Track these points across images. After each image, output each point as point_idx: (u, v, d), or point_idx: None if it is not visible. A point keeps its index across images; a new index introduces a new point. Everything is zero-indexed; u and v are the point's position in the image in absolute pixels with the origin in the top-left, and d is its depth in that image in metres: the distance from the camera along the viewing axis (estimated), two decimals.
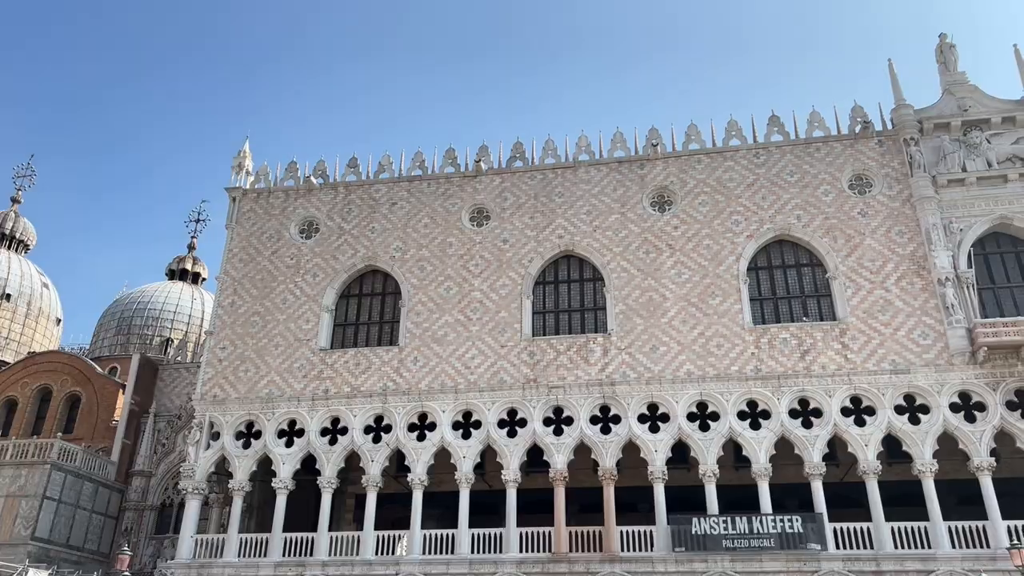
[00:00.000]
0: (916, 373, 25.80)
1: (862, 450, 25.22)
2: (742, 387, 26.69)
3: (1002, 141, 28.66)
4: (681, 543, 24.61)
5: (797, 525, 24.10)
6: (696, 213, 30.12)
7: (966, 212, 27.81)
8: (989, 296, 27.28)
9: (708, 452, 25.99)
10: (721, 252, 29.18)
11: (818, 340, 27.02)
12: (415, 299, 30.56)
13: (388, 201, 32.97)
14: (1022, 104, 29.01)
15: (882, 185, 29.15)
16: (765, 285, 29.03)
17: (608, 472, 26.41)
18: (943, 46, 31.18)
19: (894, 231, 28.21)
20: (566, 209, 31.22)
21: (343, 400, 29.07)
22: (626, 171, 31.56)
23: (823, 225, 28.91)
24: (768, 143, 30.87)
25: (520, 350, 28.79)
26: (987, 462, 24.41)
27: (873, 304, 27.17)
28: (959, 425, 25.05)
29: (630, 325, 28.49)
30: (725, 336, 27.64)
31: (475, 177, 32.69)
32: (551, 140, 32.83)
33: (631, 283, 29.25)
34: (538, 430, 27.34)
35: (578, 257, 30.65)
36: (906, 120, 29.52)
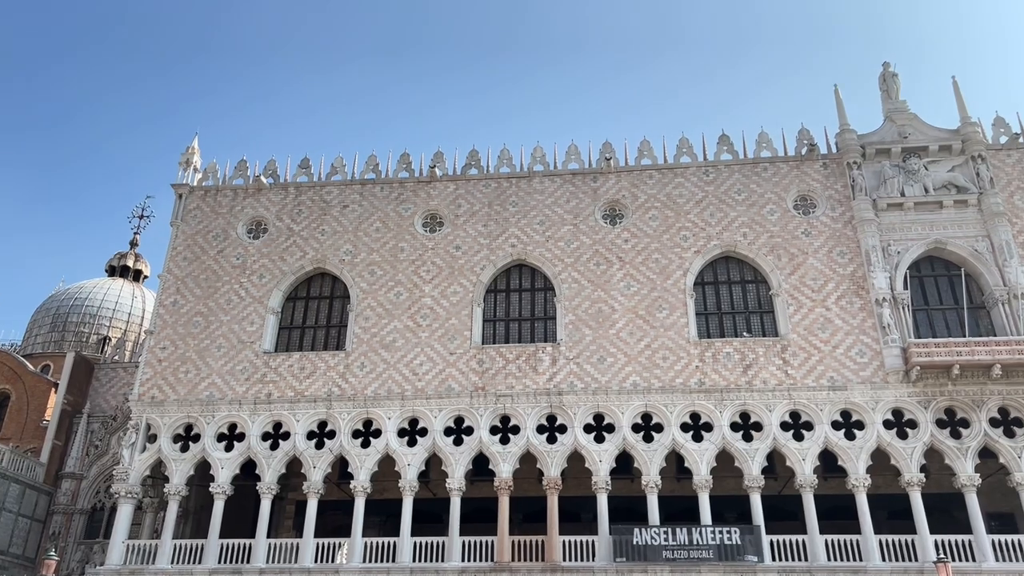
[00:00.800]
0: (853, 390, 26.58)
1: (799, 464, 25.84)
2: (686, 399, 27.11)
3: (939, 168, 29.81)
4: (622, 553, 24.82)
5: (735, 537, 24.54)
6: (646, 227, 30.57)
7: (903, 235, 28.83)
8: (923, 317, 28.30)
9: (651, 463, 26.31)
10: (669, 266, 29.65)
11: (760, 355, 27.63)
12: (364, 304, 30.27)
13: (340, 204, 32.62)
14: (958, 134, 30.24)
15: (825, 206, 30.04)
16: (711, 300, 29.60)
17: (553, 481, 26.51)
18: (886, 75, 32.36)
19: (835, 251, 29.07)
20: (520, 218, 31.35)
21: (286, 405, 28.57)
22: (580, 183, 31.87)
23: (768, 243, 29.63)
24: (717, 161, 31.55)
25: (469, 358, 28.73)
26: (917, 478, 25.25)
27: (814, 322, 27.93)
28: (892, 441, 25.87)
29: (579, 335, 28.71)
30: (671, 349, 28.07)
31: (429, 183, 32.60)
32: (507, 149, 33.02)
33: (581, 294, 29.50)
34: (484, 439, 27.31)
35: (530, 266, 30.80)
36: (849, 144, 30.51)
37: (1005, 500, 26.60)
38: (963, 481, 25.07)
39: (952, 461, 25.43)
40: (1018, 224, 28.58)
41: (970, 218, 28.68)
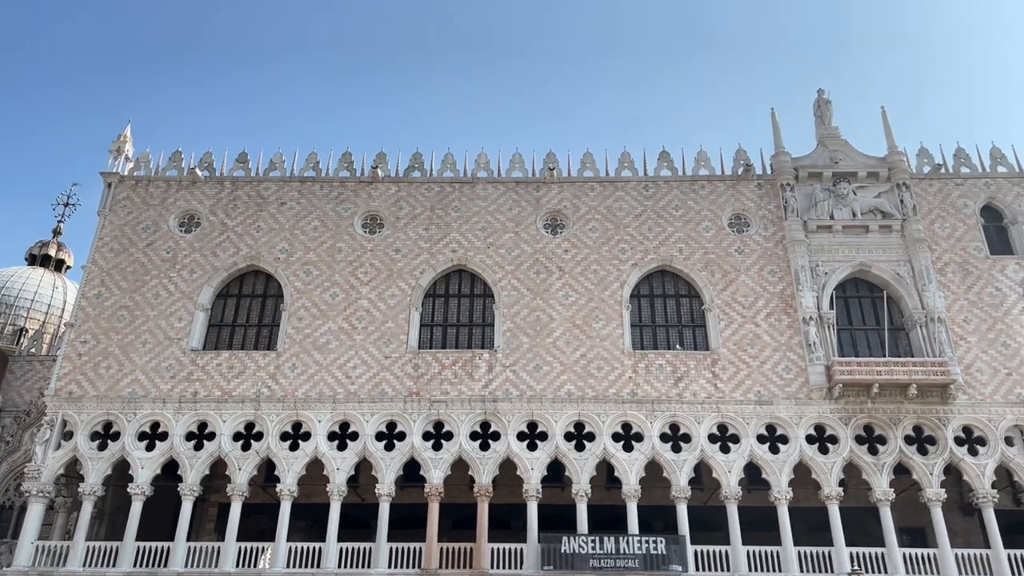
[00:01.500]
0: (778, 405, 27.34)
1: (725, 476, 26.42)
2: (618, 410, 27.44)
3: (867, 194, 31.02)
4: (550, 561, 24.91)
5: (661, 547, 24.92)
6: (586, 238, 30.90)
7: (831, 257, 29.87)
8: (847, 336, 29.35)
9: (582, 472, 26.51)
10: (607, 278, 30.02)
11: (691, 368, 28.19)
12: (298, 303, 29.69)
13: (277, 200, 31.97)
14: (885, 162, 31.53)
15: (759, 226, 30.90)
16: (646, 312, 30.07)
17: (484, 489, 26.45)
18: (820, 101, 33.55)
19: (766, 270, 29.91)
20: (461, 224, 31.29)
21: (213, 404, 27.76)
22: (523, 191, 32.02)
23: (703, 259, 30.30)
24: (657, 177, 32.15)
25: (405, 362, 28.47)
26: (836, 492, 26.11)
27: (743, 337, 28.66)
28: (813, 456, 26.70)
29: (516, 343, 28.78)
30: (605, 359, 28.39)
31: (371, 183, 32.25)
32: (451, 154, 32.96)
33: (520, 302, 29.60)
34: (417, 444, 27.07)
35: (470, 272, 30.74)
36: (784, 167, 31.49)
37: (917, 515, 27.75)
38: (878, 496, 26.03)
39: (869, 476, 26.39)
40: (937, 251, 29.94)
41: (893, 243, 29.91)
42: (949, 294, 29.05)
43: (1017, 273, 29.54)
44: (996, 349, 28.03)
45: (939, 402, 26.96)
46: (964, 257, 29.93)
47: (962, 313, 28.75)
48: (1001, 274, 29.55)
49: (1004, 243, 30.58)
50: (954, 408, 26.95)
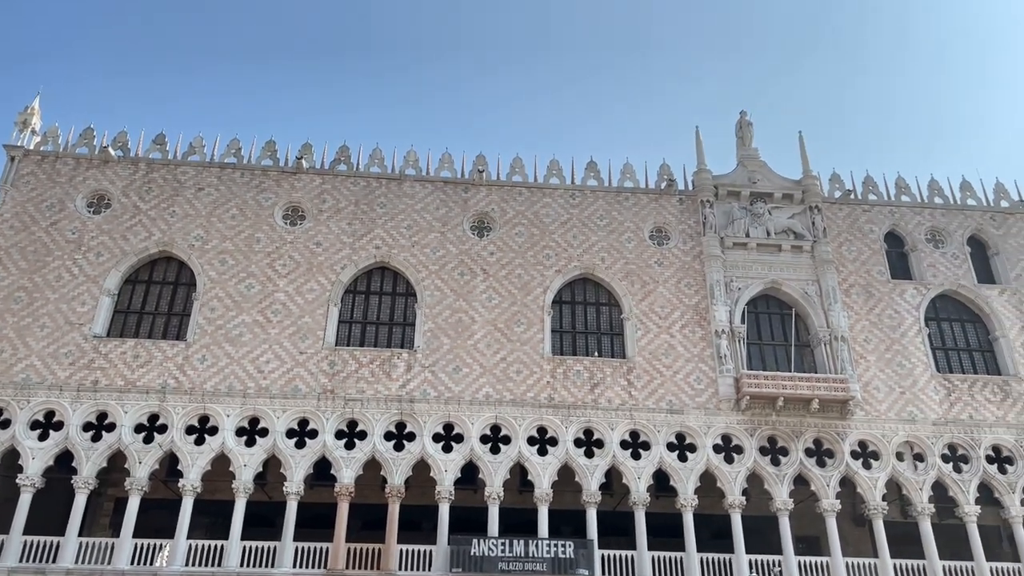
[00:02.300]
0: (689, 414, 28.11)
1: (635, 482, 26.97)
2: (535, 413, 27.66)
3: (781, 214, 32.29)
4: (459, 564, 24.86)
5: (569, 551, 25.22)
6: (512, 242, 31.06)
7: (745, 273, 30.95)
8: (756, 350, 30.43)
9: (496, 475, 26.59)
10: (531, 283, 30.25)
11: (608, 375, 28.68)
12: (211, 293, 28.73)
13: (195, 186, 30.88)
14: (799, 184, 32.90)
15: (678, 239, 31.74)
16: (567, 319, 30.44)
17: (396, 489, 26.18)
18: (742, 122, 34.75)
19: (683, 283, 30.74)
20: (386, 220, 30.96)
21: (114, 394, 26.55)
22: (451, 192, 31.94)
23: (623, 269, 30.90)
24: (584, 186, 32.62)
25: (320, 359, 27.93)
26: (739, 500, 27.01)
27: (659, 347, 29.35)
28: (719, 465, 27.55)
29: (437, 344, 28.64)
30: (525, 363, 28.57)
31: (294, 174, 31.55)
32: (379, 149, 32.56)
33: (443, 302, 29.48)
34: (329, 442, 26.57)
35: (393, 270, 30.44)
36: (705, 184, 32.45)
37: (813, 525, 28.96)
38: (778, 505, 27.06)
39: (771, 486, 27.40)
40: (843, 272, 31.41)
41: (803, 263, 31.22)
42: (852, 314, 30.51)
43: (915, 298, 31.29)
44: (892, 369, 29.60)
45: (838, 417, 28.27)
46: (868, 280, 31.50)
47: (863, 333, 30.24)
48: (900, 298, 31.24)
49: (904, 269, 32.35)
50: (852, 423, 28.30)
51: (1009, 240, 32.97)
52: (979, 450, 28.19)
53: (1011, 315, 31.16)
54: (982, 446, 28.30)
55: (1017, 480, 27.88)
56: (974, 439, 28.42)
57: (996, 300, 31.49)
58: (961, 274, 32.00)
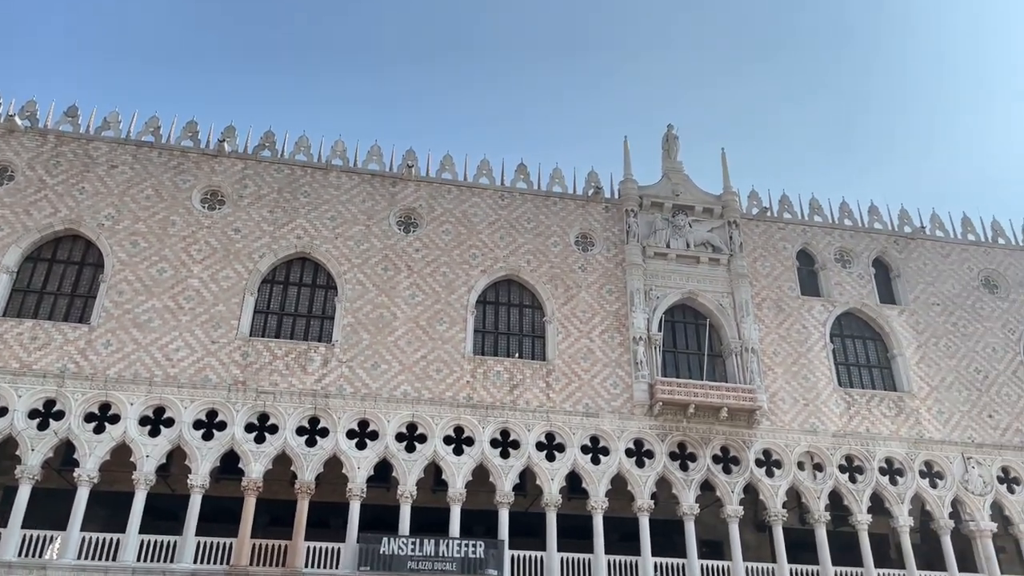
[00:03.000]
0: (604, 418, 28.58)
1: (548, 483, 27.23)
2: (452, 413, 27.58)
3: (701, 228, 33.24)
4: (368, 562, 24.54)
5: (480, 551, 25.26)
6: (439, 240, 30.91)
7: (664, 283, 31.71)
8: (671, 358, 31.21)
9: (410, 473, 26.37)
10: (455, 281, 30.18)
11: (527, 377, 28.88)
12: (119, 276, 27.50)
13: (107, 163, 29.51)
14: (720, 199, 33.94)
15: (602, 246, 32.27)
16: (490, 319, 30.50)
17: (306, 486, 25.64)
18: (669, 136, 35.62)
19: (605, 289, 31.27)
20: (310, 211, 30.33)
21: (8, 377, 25.06)
22: (378, 185, 31.55)
23: (548, 273, 31.20)
24: (513, 188, 32.78)
25: (233, 349, 27.10)
26: (648, 504, 27.62)
27: (578, 351, 29.75)
28: (631, 469, 28.11)
29: (356, 339, 28.22)
30: (445, 362, 28.47)
31: (215, 157, 30.54)
32: (306, 137, 31.88)
33: (364, 297, 29.08)
34: (238, 435, 25.80)
35: (314, 261, 29.83)
36: (630, 193, 33.12)
37: (716, 530, 29.89)
38: (684, 510, 27.81)
39: (678, 491, 28.12)
40: (757, 287, 32.57)
41: (720, 276, 32.22)
42: (763, 327, 31.67)
43: (822, 314, 32.72)
44: (798, 381, 30.86)
45: (745, 426, 29.28)
46: (779, 295, 32.77)
47: (772, 346, 31.43)
48: (808, 313, 32.62)
49: (814, 286, 33.79)
50: (757, 432, 29.36)
51: (910, 264, 34.88)
52: (873, 462, 29.69)
53: (908, 335, 32.96)
54: (876, 458, 29.81)
55: (906, 491, 29.49)
56: (869, 451, 29.91)
57: (896, 320, 33.26)
58: (865, 294, 33.66)
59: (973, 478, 30.06)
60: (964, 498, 29.70)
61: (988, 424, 31.46)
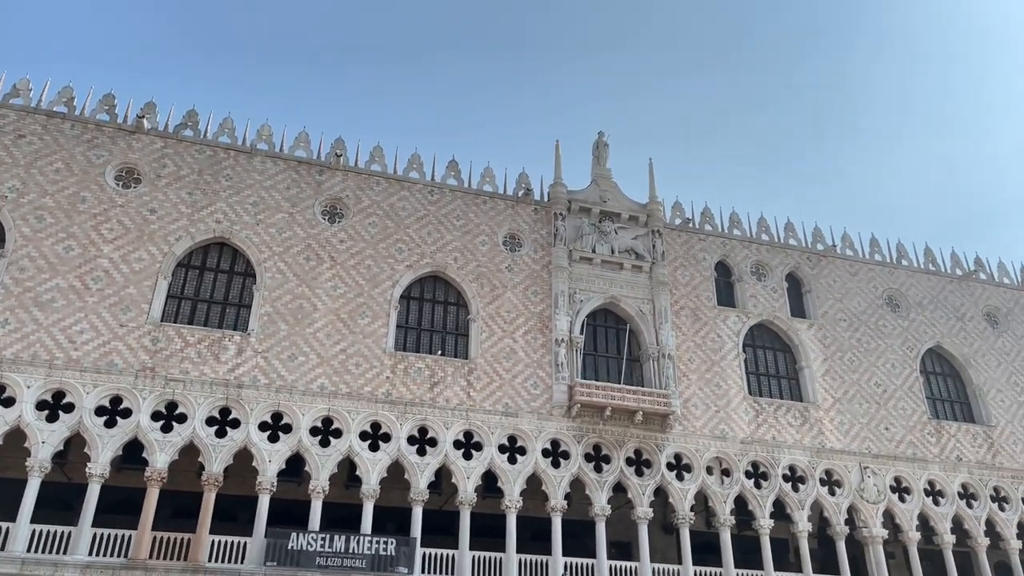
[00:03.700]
0: (522, 418, 28.76)
1: (464, 481, 27.21)
2: (370, 408, 27.24)
3: (626, 235, 33.86)
4: (275, 558, 23.97)
5: (391, 548, 25.02)
6: (365, 232, 30.48)
7: (588, 287, 32.17)
8: (591, 361, 31.68)
9: (323, 468, 25.91)
10: (380, 275, 29.82)
11: (448, 374, 28.79)
12: (22, 251, 26.02)
13: (14, 132, 27.89)
14: (645, 208, 34.64)
15: (530, 248, 32.48)
16: (413, 315, 30.27)
17: (213, 478, 24.85)
18: (599, 143, 36.14)
19: (531, 290, 31.49)
20: (231, 195, 29.42)
21: None
22: (304, 173, 30.87)
23: (475, 271, 31.19)
24: (443, 184, 32.63)
25: (143, 334, 26.03)
26: (561, 504, 27.94)
27: (501, 351, 29.85)
28: (546, 469, 28.38)
29: (273, 329, 27.54)
30: (365, 356, 28.09)
31: (133, 133, 29.26)
32: (231, 119, 30.92)
33: (284, 286, 28.40)
34: (144, 423, 24.79)
35: (233, 247, 28.95)
36: (559, 197, 33.44)
37: (626, 531, 30.50)
38: (596, 511, 28.26)
39: (592, 492, 28.57)
40: (676, 295, 33.40)
41: (641, 282, 32.90)
42: (680, 335, 32.50)
43: (736, 324, 33.81)
44: (710, 388, 31.80)
45: (659, 430, 29.97)
46: (696, 304, 33.69)
47: (688, 353, 32.29)
48: (723, 323, 33.66)
49: (730, 297, 34.90)
50: (670, 436, 30.10)
51: (821, 280, 36.44)
52: (778, 469, 30.87)
53: (816, 348, 34.42)
54: (780, 465, 31.01)
55: (807, 498, 30.77)
56: (774, 458, 31.08)
57: (805, 333, 34.68)
58: (778, 307, 34.98)
59: (868, 487, 31.62)
60: (859, 506, 31.22)
61: (884, 436, 33.16)
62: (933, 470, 32.95)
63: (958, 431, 34.43)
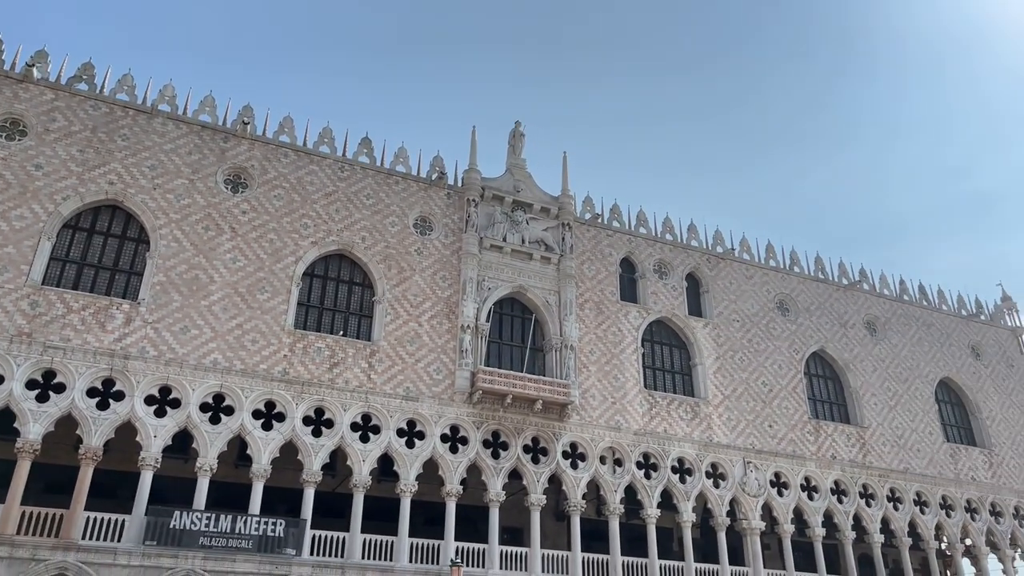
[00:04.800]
0: (423, 402, 28.63)
1: (359, 464, 26.87)
2: (266, 387, 26.48)
3: (537, 225, 34.13)
4: (155, 536, 23.00)
5: (280, 529, 24.46)
6: (269, 205, 29.51)
7: (497, 275, 32.27)
8: (495, 349, 31.84)
9: (212, 445, 25.02)
10: (283, 250, 28.96)
11: (349, 356, 28.31)
12: None
13: None
14: (557, 201, 35.01)
15: (440, 232, 32.27)
16: (316, 293, 29.57)
17: (92, 451, 23.58)
18: (516, 132, 36.23)
19: (439, 275, 31.31)
20: (128, 155, 27.86)
21: None
22: (208, 138, 29.57)
23: (383, 252, 30.74)
24: (355, 161, 31.94)
25: (20, 296, 24.35)
26: (457, 489, 28.02)
27: (405, 334, 29.58)
28: (444, 454, 28.38)
29: (166, 299, 26.31)
30: (263, 333, 27.26)
31: (21, 82, 27.25)
32: (131, 75, 29.20)
33: (180, 255, 27.17)
34: (17, 392, 23.24)
35: (126, 211, 27.46)
36: (473, 183, 33.35)
37: (519, 517, 30.89)
38: (491, 497, 28.49)
39: (488, 478, 28.77)
40: (581, 288, 33.97)
41: (549, 274, 33.28)
42: (583, 327, 33.10)
43: (636, 319, 34.72)
44: (608, 380, 32.57)
45: (557, 419, 30.47)
46: (601, 298, 34.38)
47: (590, 345, 32.93)
48: (625, 318, 34.50)
49: (632, 293, 35.78)
50: (567, 426, 30.66)
51: (718, 281, 37.85)
52: (667, 460, 31.96)
53: (710, 346, 35.77)
54: (670, 457, 32.12)
55: (693, 490, 32.02)
56: (665, 450, 32.17)
57: (700, 331, 35.98)
58: (676, 305, 36.13)
59: (750, 481, 33.21)
60: (741, 498, 32.75)
61: (767, 433, 34.88)
62: (810, 467, 34.92)
63: (834, 431, 36.59)
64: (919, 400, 39.77)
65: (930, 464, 38.01)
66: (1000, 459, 40.32)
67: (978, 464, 39.51)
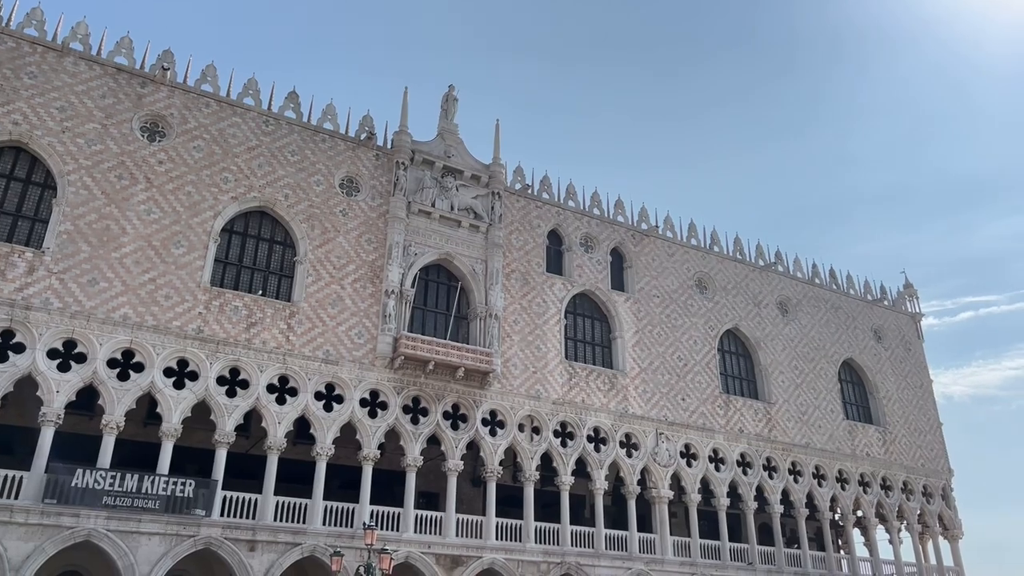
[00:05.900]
0: (343, 366, 28.32)
1: (275, 427, 26.45)
2: (178, 344, 25.67)
3: (467, 193, 33.93)
4: (55, 495, 22.15)
5: (189, 490, 23.92)
6: (188, 156, 28.34)
7: (424, 241, 32.00)
8: (419, 315, 31.70)
9: (119, 403, 24.17)
10: (201, 204, 27.94)
11: (267, 316, 27.69)
12: None
13: None
14: (488, 169, 34.83)
15: (367, 194, 31.71)
16: (235, 250, 28.73)
17: None
18: (449, 96, 35.75)
19: (364, 238, 30.83)
20: (36, 95, 26.21)
21: None
22: (124, 82, 28.07)
23: (306, 211, 30.02)
24: (280, 116, 30.95)
25: None
26: (374, 454, 27.94)
27: (327, 296, 29.09)
28: (362, 418, 28.22)
29: (74, 249, 25.06)
30: (176, 289, 26.35)
31: None
32: (41, 9, 27.36)
33: (90, 204, 25.87)
34: None
35: (31, 153, 25.92)
36: (403, 146, 32.81)
37: (436, 482, 31.13)
38: (409, 462, 28.55)
39: (406, 443, 28.78)
40: (509, 258, 34.07)
41: (477, 242, 33.22)
42: (509, 297, 33.28)
43: (561, 292, 35.13)
44: (531, 350, 32.93)
45: (478, 387, 30.67)
46: (527, 269, 34.59)
47: (514, 315, 33.17)
48: (550, 289, 34.85)
49: (558, 265, 36.14)
50: (488, 393, 30.91)
51: (641, 257, 38.60)
52: (583, 429, 32.68)
53: (630, 320, 36.56)
54: (586, 426, 32.84)
55: (606, 459, 32.88)
56: (581, 420, 32.86)
57: (621, 305, 36.70)
58: (600, 279, 36.70)
59: (662, 451, 34.33)
60: (652, 468, 33.84)
61: (680, 406, 36.05)
62: (718, 439, 36.33)
63: (743, 406, 38.12)
64: (823, 379, 41.77)
65: (830, 440, 40.10)
66: (893, 436, 42.88)
67: (873, 441, 41.92)
